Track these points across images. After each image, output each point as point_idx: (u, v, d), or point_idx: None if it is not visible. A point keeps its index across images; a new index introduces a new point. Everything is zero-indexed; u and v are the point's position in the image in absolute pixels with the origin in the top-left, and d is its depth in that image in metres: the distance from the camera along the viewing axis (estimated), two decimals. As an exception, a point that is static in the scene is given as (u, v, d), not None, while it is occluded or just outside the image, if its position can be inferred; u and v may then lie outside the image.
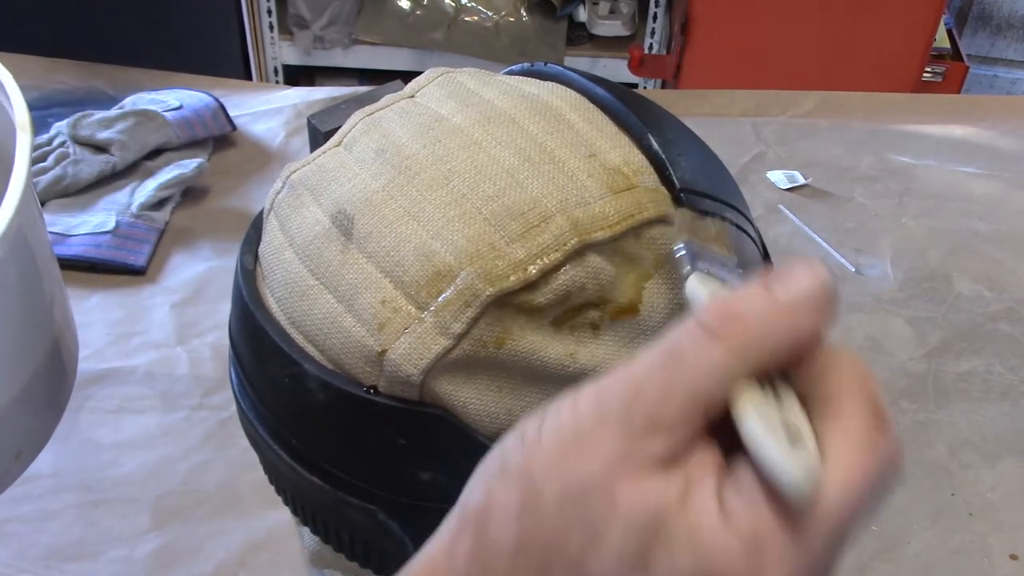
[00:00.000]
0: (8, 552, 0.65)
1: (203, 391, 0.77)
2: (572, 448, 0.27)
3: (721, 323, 0.27)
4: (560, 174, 0.42)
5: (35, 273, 0.51)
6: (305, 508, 0.47)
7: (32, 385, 0.50)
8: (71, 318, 0.59)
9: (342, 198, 0.44)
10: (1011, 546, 0.68)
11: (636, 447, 0.26)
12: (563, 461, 0.27)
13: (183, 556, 0.66)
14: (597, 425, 0.27)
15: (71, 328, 0.58)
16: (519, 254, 0.40)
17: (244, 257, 0.48)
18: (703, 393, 0.27)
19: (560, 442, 0.28)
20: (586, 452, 0.27)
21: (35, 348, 0.51)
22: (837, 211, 0.98)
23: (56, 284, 0.56)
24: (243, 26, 2.07)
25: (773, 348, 0.27)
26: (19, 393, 0.49)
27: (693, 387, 0.27)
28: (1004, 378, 0.80)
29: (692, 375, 0.27)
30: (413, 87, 0.49)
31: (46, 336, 0.52)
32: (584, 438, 0.27)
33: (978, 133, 1.10)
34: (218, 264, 0.89)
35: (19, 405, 0.49)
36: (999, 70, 2.39)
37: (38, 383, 0.51)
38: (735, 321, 0.27)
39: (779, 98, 1.13)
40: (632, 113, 0.45)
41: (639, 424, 0.27)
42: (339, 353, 0.42)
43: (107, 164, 0.94)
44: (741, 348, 0.27)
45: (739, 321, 0.27)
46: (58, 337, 0.54)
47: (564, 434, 0.28)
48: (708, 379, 0.27)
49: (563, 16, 2.12)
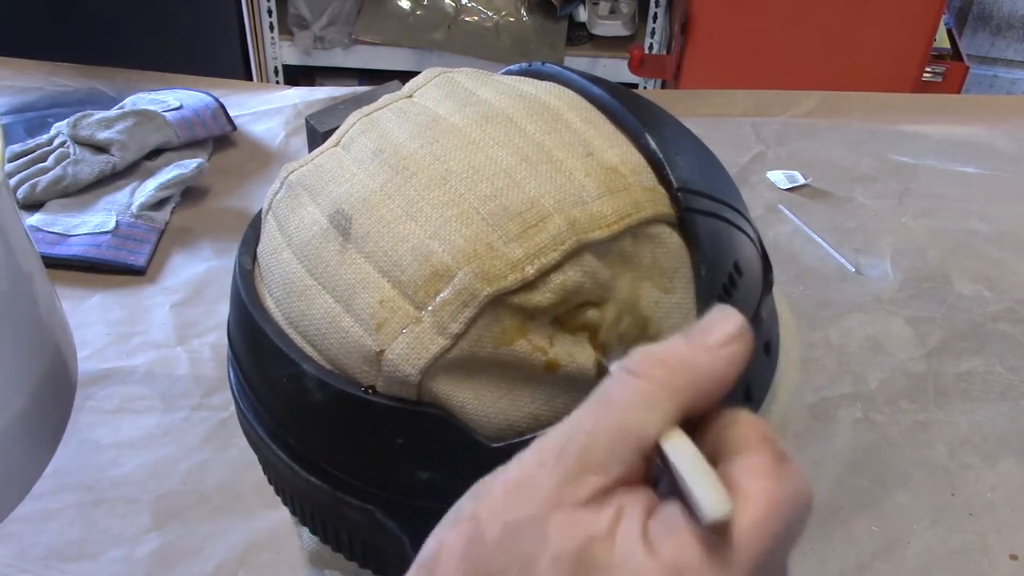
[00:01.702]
0: (8, 552, 0.65)
1: (203, 391, 0.77)
2: (514, 492, 0.29)
3: (642, 364, 0.30)
4: (558, 174, 0.42)
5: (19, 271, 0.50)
6: (304, 508, 0.47)
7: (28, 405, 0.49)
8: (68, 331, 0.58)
9: (340, 198, 0.44)
10: (1011, 546, 0.68)
11: (569, 486, 0.28)
12: (505, 504, 0.29)
13: (183, 556, 0.66)
14: (536, 469, 0.29)
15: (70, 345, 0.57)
16: (517, 254, 0.40)
17: (242, 257, 0.48)
18: (631, 429, 0.29)
19: (505, 488, 0.30)
20: (525, 494, 0.29)
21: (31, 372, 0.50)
22: (837, 211, 0.98)
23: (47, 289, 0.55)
24: (243, 26, 2.07)
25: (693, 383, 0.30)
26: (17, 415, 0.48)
27: (619, 423, 0.29)
28: (1004, 378, 0.80)
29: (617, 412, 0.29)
30: (411, 87, 0.49)
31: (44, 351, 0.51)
32: (524, 482, 0.29)
33: (978, 133, 1.10)
34: (218, 264, 0.89)
35: (14, 425, 0.48)
36: (999, 70, 2.38)
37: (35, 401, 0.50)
38: (655, 361, 0.30)
39: (779, 98, 1.13)
40: (629, 112, 0.45)
41: (572, 464, 0.28)
42: (337, 353, 0.42)
43: (107, 164, 0.94)
44: (662, 381, 0.29)
45: (659, 361, 0.30)
46: (57, 352, 0.53)
47: (508, 481, 0.30)
48: (632, 413, 0.29)
49: (563, 16, 2.12)
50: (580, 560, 0.27)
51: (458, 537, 0.30)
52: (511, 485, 0.29)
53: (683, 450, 0.28)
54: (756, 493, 0.28)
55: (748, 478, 0.28)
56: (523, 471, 0.29)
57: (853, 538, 0.68)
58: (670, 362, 0.30)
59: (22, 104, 1.07)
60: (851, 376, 0.80)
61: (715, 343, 0.30)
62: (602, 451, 0.29)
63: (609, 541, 0.27)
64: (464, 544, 0.29)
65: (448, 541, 0.30)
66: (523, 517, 0.28)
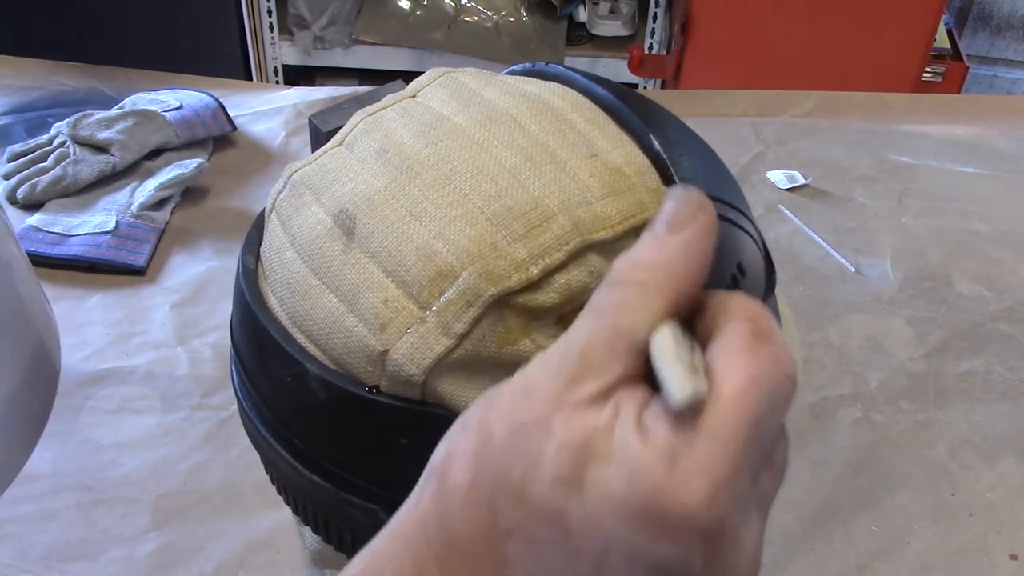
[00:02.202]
0: (8, 552, 0.65)
1: (203, 391, 0.77)
2: (520, 398, 0.31)
3: (621, 271, 0.32)
4: (562, 174, 0.42)
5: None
6: (306, 507, 0.47)
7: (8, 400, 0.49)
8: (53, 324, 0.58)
9: (344, 198, 0.44)
10: (1011, 546, 0.68)
11: (571, 389, 0.30)
12: (512, 409, 0.31)
13: (183, 556, 0.66)
14: (539, 378, 0.31)
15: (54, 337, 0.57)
16: (521, 254, 0.40)
17: (246, 257, 0.48)
18: (622, 331, 0.30)
19: (511, 396, 0.31)
20: (530, 399, 0.31)
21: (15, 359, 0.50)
22: (837, 211, 0.98)
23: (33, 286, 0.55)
24: (243, 26, 2.07)
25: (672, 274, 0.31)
26: None
27: (611, 327, 0.31)
28: (1004, 378, 0.80)
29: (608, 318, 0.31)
30: (415, 87, 0.49)
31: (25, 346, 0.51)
32: (529, 389, 0.31)
33: (978, 133, 1.10)
34: (218, 264, 0.89)
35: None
36: (999, 70, 2.39)
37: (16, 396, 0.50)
38: (630, 265, 0.32)
39: (779, 98, 1.13)
40: (633, 113, 0.45)
41: (572, 369, 0.30)
42: (341, 353, 0.42)
43: (107, 164, 0.94)
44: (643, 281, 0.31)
45: (633, 264, 0.32)
46: (39, 347, 0.53)
47: (514, 389, 0.31)
48: (621, 317, 0.31)
49: (563, 16, 2.12)
50: (582, 450, 0.29)
51: (468, 441, 0.31)
52: (517, 392, 0.31)
53: (662, 342, 0.30)
54: (732, 370, 0.29)
55: (724, 357, 0.30)
56: (528, 379, 0.31)
57: (853, 538, 0.68)
58: (643, 261, 0.32)
59: (22, 104, 1.07)
60: (851, 376, 0.80)
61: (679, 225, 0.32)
62: (599, 355, 0.30)
63: (608, 433, 0.29)
64: (474, 446, 0.31)
65: (458, 446, 0.32)
66: (529, 419, 0.30)
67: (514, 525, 0.30)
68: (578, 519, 0.29)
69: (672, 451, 0.28)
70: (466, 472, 0.31)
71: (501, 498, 0.30)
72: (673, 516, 0.28)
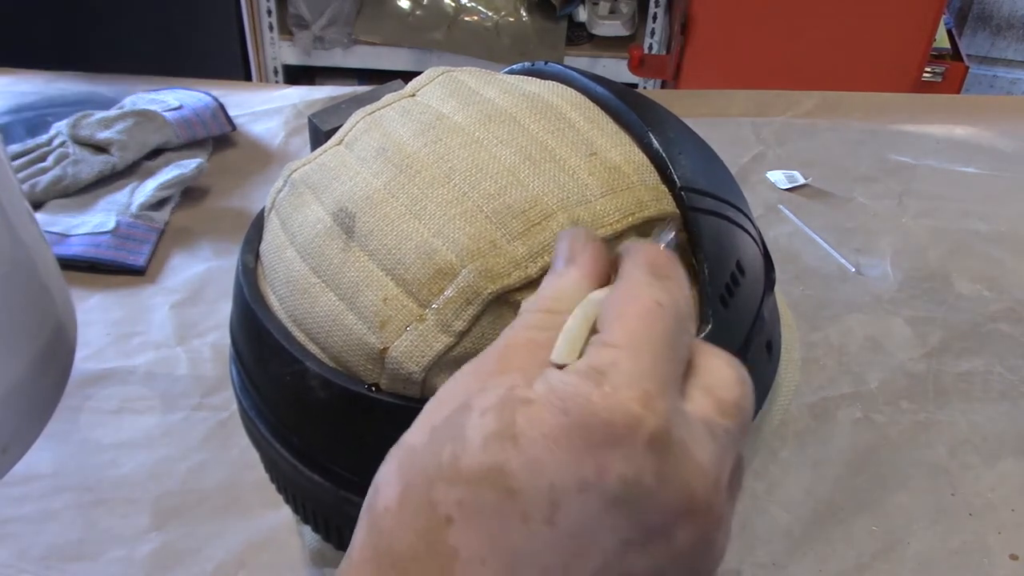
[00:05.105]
0: (8, 552, 0.65)
1: (203, 391, 0.77)
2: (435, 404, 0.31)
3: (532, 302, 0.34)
4: (561, 172, 0.42)
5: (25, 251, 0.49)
6: (306, 506, 0.47)
7: (24, 377, 0.49)
8: (71, 306, 0.58)
9: (344, 196, 0.44)
10: (1011, 546, 0.68)
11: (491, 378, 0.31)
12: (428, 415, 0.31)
13: (183, 556, 0.66)
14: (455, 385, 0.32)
15: (72, 316, 0.57)
16: (520, 252, 0.40)
17: (245, 256, 0.48)
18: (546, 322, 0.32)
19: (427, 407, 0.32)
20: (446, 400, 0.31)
21: (34, 335, 0.50)
22: (837, 211, 0.98)
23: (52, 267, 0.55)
24: (243, 26, 2.08)
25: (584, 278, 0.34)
26: (11, 383, 0.48)
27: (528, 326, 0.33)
28: (1004, 378, 0.80)
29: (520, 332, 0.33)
30: (414, 86, 0.49)
31: (45, 324, 0.51)
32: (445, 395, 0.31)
33: (978, 133, 1.10)
34: (218, 264, 0.89)
35: (9, 396, 0.48)
36: (999, 70, 2.39)
37: (33, 374, 0.50)
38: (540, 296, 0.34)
39: (779, 98, 1.13)
40: (633, 112, 0.45)
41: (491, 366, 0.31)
42: (341, 351, 0.42)
43: (107, 164, 0.94)
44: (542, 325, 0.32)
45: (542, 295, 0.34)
46: (58, 327, 0.53)
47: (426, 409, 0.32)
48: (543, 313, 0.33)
49: (563, 16, 2.12)
50: (505, 404, 0.29)
51: (389, 465, 0.31)
52: (433, 402, 0.32)
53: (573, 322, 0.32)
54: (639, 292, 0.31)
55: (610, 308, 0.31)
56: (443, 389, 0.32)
57: (853, 538, 0.68)
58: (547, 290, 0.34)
59: (22, 104, 1.07)
60: (851, 376, 0.80)
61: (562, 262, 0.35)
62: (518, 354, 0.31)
63: (527, 383, 0.30)
64: (397, 464, 0.31)
65: (380, 476, 0.31)
66: (447, 413, 0.30)
67: (454, 507, 0.28)
68: (519, 470, 0.28)
69: (596, 372, 0.29)
70: (394, 488, 0.30)
71: (435, 488, 0.29)
72: (614, 427, 0.28)
